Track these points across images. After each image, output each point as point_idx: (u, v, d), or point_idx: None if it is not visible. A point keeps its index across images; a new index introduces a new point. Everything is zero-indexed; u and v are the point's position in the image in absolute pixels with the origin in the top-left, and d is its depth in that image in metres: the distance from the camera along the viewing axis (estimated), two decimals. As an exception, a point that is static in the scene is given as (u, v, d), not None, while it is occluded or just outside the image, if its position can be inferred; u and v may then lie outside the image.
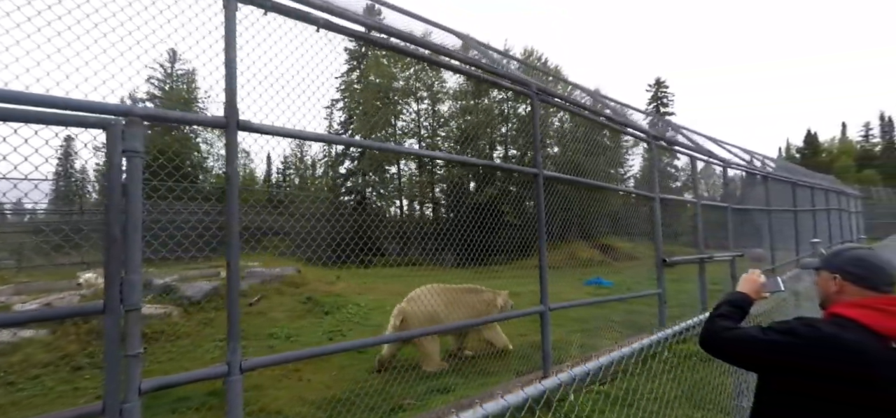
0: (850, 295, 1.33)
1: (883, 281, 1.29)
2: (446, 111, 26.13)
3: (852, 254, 1.37)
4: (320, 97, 3.18)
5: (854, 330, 1.23)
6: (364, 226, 7.35)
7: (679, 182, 18.48)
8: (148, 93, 28.89)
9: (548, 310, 3.95)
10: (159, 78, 31.02)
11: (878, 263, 1.32)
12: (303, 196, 24.61)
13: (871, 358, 1.18)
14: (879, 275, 1.29)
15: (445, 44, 3.73)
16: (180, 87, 30.79)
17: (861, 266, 1.33)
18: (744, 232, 11.37)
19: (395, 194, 25.23)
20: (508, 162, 27.23)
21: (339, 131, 26.79)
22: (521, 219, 19.30)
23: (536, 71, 25.66)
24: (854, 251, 1.39)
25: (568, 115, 18.85)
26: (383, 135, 25.63)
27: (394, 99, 26.20)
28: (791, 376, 1.28)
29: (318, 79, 2.95)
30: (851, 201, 20.06)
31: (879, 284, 1.29)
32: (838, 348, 1.20)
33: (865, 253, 1.36)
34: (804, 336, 1.25)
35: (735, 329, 1.41)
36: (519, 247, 16.78)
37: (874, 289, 1.29)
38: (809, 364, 1.23)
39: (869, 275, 1.30)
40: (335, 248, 4.11)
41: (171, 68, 31.11)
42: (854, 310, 1.27)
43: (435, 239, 23.68)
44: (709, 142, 10.30)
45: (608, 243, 21.89)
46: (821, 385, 1.21)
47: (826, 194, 14.89)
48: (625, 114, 6.07)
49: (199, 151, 26.40)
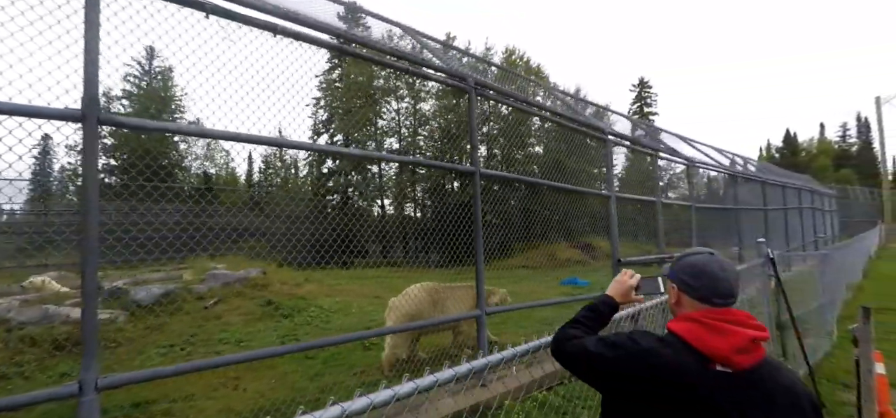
0: (686, 306, 1.18)
1: (716, 292, 1.13)
2: (428, 109, 25.93)
3: (688, 261, 1.21)
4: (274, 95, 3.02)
5: (675, 348, 1.08)
6: (340, 227, 7.17)
7: (663, 182, 18.54)
8: (124, 91, 28.20)
9: (484, 313, 3.80)
10: (136, 75, 30.30)
11: (712, 272, 1.15)
12: (277, 197, 24.24)
13: (688, 380, 1.03)
14: (713, 285, 1.14)
15: (372, 33, 3.54)
16: (157, 86, 30.15)
17: (694, 275, 1.17)
18: (714, 231, 11.40)
19: (375, 194, 24.96)
20: (492, 160, 27.14)
21: (317, 134, 26.39)
22: (501, 219, 19.22)
23: (482, 63, 25.47)
24: (691, 257, 1.23)
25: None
26: (362, 135, 25.36)
27: (375, 97, 25.93)
28: (616, 393, 1.14)
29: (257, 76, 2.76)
30: (825, 200, 20.35)
31: (712, 296, 1.13)
32: (654, 366, 1.06)
33: (702, 259, 1.20)
34: (626, 350, 1.11)
35: (580, 338, 1.26)
36: (499, 247, 16.63)
37: (706, 302, 1.14)
38: (629, 382, 1.09)
39: (701, 285, 1.15)
40: (309, 250, 3.94)
41: (149, 66, 30.45)
42: (681, 325, 1.12)
43: (416, 239, 23.54)
44: (679, 141, 10.28)
45: (589, 242, 21.87)
46: (641, 405, 1.07)
47: (798, 193, 15.04)
48: (578, 109, 5.95)
49: (177, 151, 25.84)
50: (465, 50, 17.64)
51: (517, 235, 16.59)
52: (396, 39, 4.20)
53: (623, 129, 9.16)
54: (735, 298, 1.14)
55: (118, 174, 23.12)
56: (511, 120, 21.28)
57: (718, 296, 1.12)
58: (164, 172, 19.15)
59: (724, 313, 1.10)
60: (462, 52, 4.71)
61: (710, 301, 1.13)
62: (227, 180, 30.83)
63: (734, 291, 1.14)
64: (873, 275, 12.29)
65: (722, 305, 1.12)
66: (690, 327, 1.09)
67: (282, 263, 13.29)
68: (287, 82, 3.09)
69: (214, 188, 21.49)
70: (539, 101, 4.98)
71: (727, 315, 1.09)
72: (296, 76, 3.10)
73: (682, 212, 9.65)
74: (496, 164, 25.17)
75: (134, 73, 29.44)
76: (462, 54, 4.78)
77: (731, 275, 1.15)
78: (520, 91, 5.16)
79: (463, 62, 4.07)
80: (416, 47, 4.15)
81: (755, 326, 1.08)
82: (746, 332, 1.05)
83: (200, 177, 28.14)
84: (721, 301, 1.12)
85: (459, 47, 4.45)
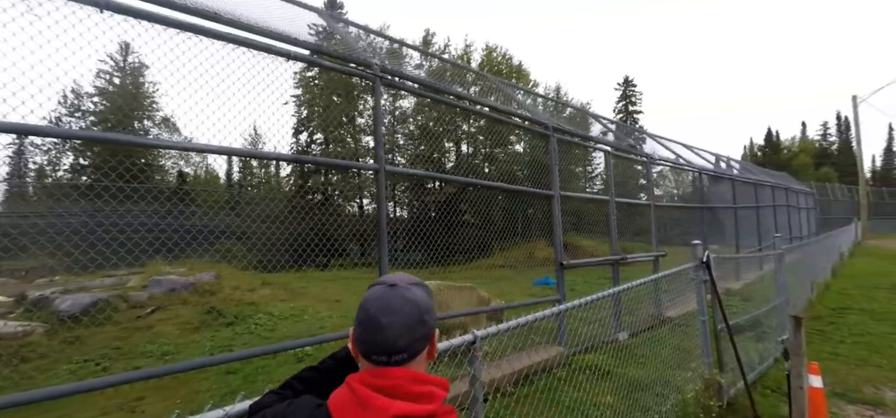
0: (362, 365, 0.83)
1: (375, 345, 0.79)
2: (408, 106, 25.52)
3: (365, 297, 0.85)
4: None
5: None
6: (308, 227, 6.81)
7: (644, 180, 18.29)
8: (96, 87, 27.39)
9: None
10: (108, 71, 29.43)
11: (374, 315, 0.81)
12: (246, 197, 23.62)
13: None
14: (373, 335, 0.80)
15: (270, 20, 3.14)
16: (129, 82, 29.39)
17: (359, 319, 0.84)
18: (678, 230, 11.16)
19: (352, 194, 24.48)
20: (470, 161, 26.81)
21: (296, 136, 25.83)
22: (479, 218, 18.89)
23: (399, 46, 25.01)
24: (370, 290, 0.86)
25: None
26: (340, 133, 24.89)
27: (355, 94, 25.45)
28: None
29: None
30: (801, 198, 20.37)
31: (370, 351, 0.81)
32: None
33: (375, 294, 0.84)
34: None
35: (267, 404, 0.89)
36: (478, 246, 16.30)
37: (367, 358, 0.81)
38: None
39: (362, 333, 0.82)
40: (264, 253, 3.65)
41: (123, 62, 29.65)
42: (337, 393, 0.80)
43: (392, 239, 23.07)
44: (650, 140, 10.02)
45: (569, 241, 21.76)
46: None
47: (772, 191, 14.93)
48: (514, 101, 5.60)
49: (150, 152, 25.12)
50: (380, 30, 17.39)
51: (496, 234, 16.33)
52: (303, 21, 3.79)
53: (596, 130, 8.89)
54: (404, 355, 0.78)
55: (89, 174, 22.44)
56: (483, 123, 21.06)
57: (376, 350, 0.77)
58: (137, 171, 18.55)
59: (381, 375, 0.74)
60: (375, 34, 4.28)
61: (369, 357, 0.80)
62: (204, 180, 30.19)
63: (399, 344, 0.78)
64: (843, 273, 12.18)
65: (379, 364, 0.77)
66: (341, 396, 0.75)
67: (248, 266, 12.83)
68: (260, 84, 2.94)
69: (186, 188, 20.89)
70: (459, 91, 4.60)
71: (381, 378, 0.74)
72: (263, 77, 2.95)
73: (647, 212, 9.40)
74: (479, 164, 24.89)
75: (106, 69, 28.61)
76: (375, 35, 4.35)
77: (400, 320, 0.80)
78: (457, 82, 4.78)
79: (375, 47, 3.68)
80: (321, 31, 3.75)
81: (413, 395, 0.73)
82: (391, 406, 0.71)
83: (175, 176, 27.52)
84: (379, 358, 0.77)
85: (375, 29, 3.90)
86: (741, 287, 10.02)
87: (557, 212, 5.27)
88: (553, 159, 5.35)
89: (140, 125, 26.58)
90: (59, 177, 20.50)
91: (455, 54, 27.48)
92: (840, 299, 8.82)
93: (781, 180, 18.25)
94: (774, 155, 54.97)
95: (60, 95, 20.67)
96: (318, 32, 3.73)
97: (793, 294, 7.61)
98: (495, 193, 16.50)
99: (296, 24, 3.38)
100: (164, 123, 27.67)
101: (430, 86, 3.94)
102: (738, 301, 8.67)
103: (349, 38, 3.79)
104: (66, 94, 22.06)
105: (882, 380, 4.45)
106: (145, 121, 27.64)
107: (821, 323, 6.92)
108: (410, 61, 19.99)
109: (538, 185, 5.21)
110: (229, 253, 11.70)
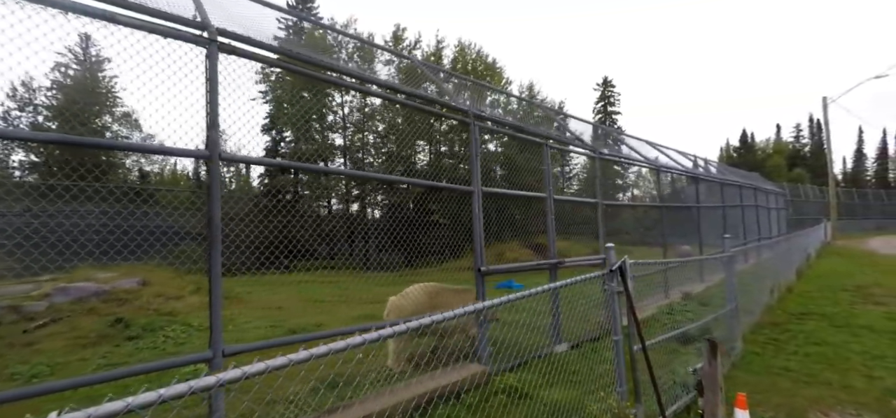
0: None
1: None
2: (379, 104, 24.71)
3: None
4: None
5: None
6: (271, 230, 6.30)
7: (625, 180, 17.78)
8: (54, 81, 25.91)
9: (220, 355, 2.73)
10: (65, 64, 27.89)
11: None
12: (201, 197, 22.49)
13: None
14: None
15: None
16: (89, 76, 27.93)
17: None
18: (631, 229, 10.68)
19: (322, 193, 23.57)
20: (443, 160, 26.15)
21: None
22: (449, 219, 18.21)
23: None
24: None
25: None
26: (307, 132, 23.96)
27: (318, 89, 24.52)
28: None
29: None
30: (771, 198, 20.26)
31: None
32: None
33: None
34: None
35: None
36: (450, 248, 15.62)
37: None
38: None
39: None
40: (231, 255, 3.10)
41: (84, 55, 28.16)
42: None
43: (364, 241, 22.27)
44: (605, 135, 9.47)
45: (541, 243, 21.21)
46: None
47: (740, 190, 14.63)
48: (442, 88, 4.93)
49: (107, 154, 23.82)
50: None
51: (467, 235, 15.67)
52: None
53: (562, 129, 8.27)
54: None
55: (40, 171, 21.03)
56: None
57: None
58: (86, 170, 17.37)
59: None
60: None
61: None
62: (165, 180, 28.92)
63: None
64: (808, 275, 11.89)
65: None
66: None
67: (192, 269, 11.91)
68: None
69: (138, 188, 19.76)
70: (339, 64, 3.90)
71: None
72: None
73: (622, 213, 8.88)
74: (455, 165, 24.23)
75: (64, 62, 27.14)
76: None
77: None
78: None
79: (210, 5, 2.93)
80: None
81: None
82: None
83: (136, 176, 26.22)
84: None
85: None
86: (703, 290, 9.60)
87: (477, 209, 4.62)
88: (474, 150, 4.70)
89: (100, 121, 25.25)
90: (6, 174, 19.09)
91: (427, 52, 26.78)
92: (801, 303, 8.42)
93: (751, 180, 18.06)
94: (749, 155, 55.76)
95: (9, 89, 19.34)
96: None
97: (749, 298, 7.14)
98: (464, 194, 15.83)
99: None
100: (125, 119, 26.45)
101: (296, 56, 3.21)
102: (696, 305, 8.21)
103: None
104: (15, 87, 20.68)
105: (831, 401, 3.91)
106: (106, 117, 26.33)
107: (777, 331, 6.44)
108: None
109: (456, 182, 4.54)
110: (183, 254, 10.84)
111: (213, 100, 2.78)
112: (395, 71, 20.95)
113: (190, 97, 2.81)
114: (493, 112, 5.77)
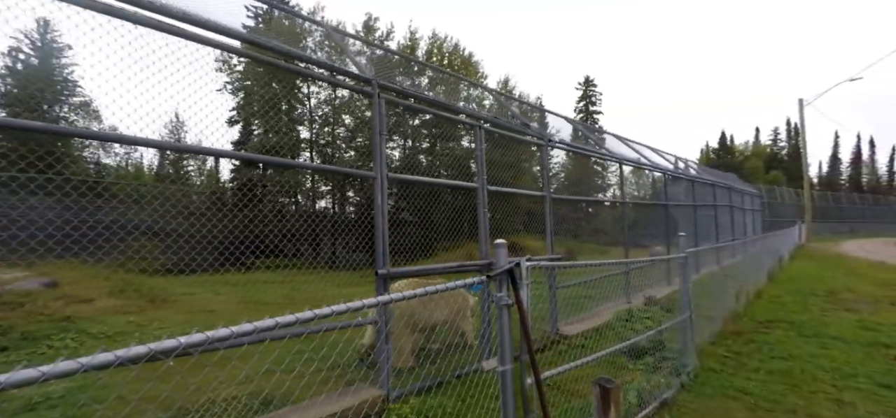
0: None
1: None
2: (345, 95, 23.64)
3: None
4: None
5: None
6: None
7: (605, 180, 16.98)
8: (6, 67, 24.18)
9: None
10: (25, 51, 26.14)
11: None
12: (154, 191, 21.25)
13: None
14: None
15: None
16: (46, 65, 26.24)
17: None
18: (588, 226, 9.99)
19: (281, 190, 22.42)
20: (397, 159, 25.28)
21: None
22: (417, 217, 17.31)
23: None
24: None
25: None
26: (277, 123, 22.79)
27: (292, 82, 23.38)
28: None
29: None
30: (746, 199, 19.93)
31: None
32: None
33: None
34: None
35: None
36: (420, 245, 14.59)
37: None
38: None
39: None
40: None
41: (42, 41, 26.43)
42: None
43: (331, 239, 21.26)
44: (557, 119, 8.73)
45: (517, 241, 20.35)
46: None
47: (713, 189, 14.11)
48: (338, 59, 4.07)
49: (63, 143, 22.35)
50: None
51: (439, 233, 14.81)
52: None
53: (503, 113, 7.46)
54: None
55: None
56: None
57: None
58: (36, 158, 16.03)
59: None
60: None
61: None
62: (123, 174, 27.38)
63: None
64: (780, 278, 11.37)
65: None
66: None
67: (130, 268, 10.83)
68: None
69: (91, 181, 18.41)
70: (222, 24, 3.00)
71: None
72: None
73: (601, 211, 8.13)
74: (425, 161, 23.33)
75: (20, 48, 25.40)
76: None
77: None
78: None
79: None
80: None
81: None
82: None
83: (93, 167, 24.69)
84: None
85: None
86: (668, 294, 8.93)
87: (380, 199, 3.77)
88: (378, 127, 3.85)
89: (52, 110, 23.66)
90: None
91: (401, 44, 25.83)
92: (770, 309, 7.80)
93: (725, 180, 17.64)
94: (728, 157, 56.25)
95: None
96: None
97: (715, 302, 6.46)
98: (438, 189, 14.93)
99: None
100: (82, 108, 24.89)
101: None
102: (658, 312, 7.50)
103: None
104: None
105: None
106: (64, 108, 24.76)
107: (740, 342, 5.75)
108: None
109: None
110: (129, 249, 9.79)
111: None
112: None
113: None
114: (412, 85, 4.93)
